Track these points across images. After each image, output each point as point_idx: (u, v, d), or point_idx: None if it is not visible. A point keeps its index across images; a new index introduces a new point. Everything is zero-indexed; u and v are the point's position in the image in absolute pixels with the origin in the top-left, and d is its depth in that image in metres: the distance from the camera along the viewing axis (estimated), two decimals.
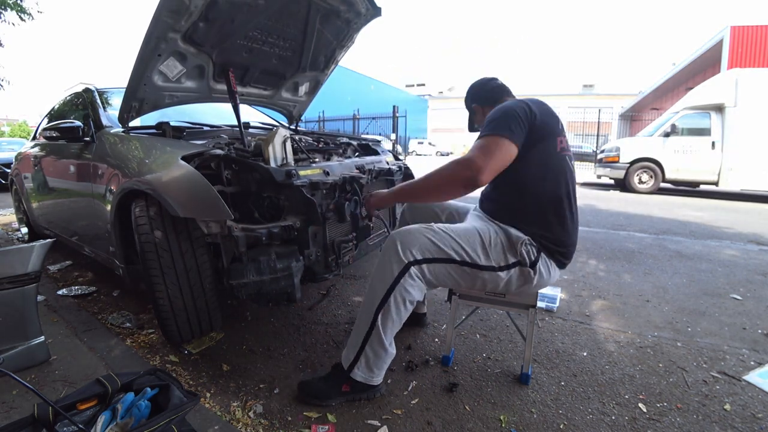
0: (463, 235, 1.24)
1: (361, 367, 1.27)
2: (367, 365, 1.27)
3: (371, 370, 1.27)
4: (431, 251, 1.21)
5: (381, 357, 1.26)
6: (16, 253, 1.38)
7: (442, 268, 1.23)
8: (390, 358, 1.29)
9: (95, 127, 2.08)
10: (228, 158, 1.50)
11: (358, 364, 1.27)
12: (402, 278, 1.20)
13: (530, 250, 1.24)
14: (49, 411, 0.87)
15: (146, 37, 1.56)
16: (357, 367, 1.27)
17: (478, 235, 1.25)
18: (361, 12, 2.07)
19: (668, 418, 1.24)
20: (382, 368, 1.29)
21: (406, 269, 1.20)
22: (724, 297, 2.24)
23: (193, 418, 1.14)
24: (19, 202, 3.53)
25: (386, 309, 1.22)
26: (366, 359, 1.26)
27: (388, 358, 1.28)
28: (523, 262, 1.23)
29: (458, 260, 1.22)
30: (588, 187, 8.84)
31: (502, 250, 1.24)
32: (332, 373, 1.33)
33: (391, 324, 1.23)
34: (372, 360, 1.26)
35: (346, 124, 16.82)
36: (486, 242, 1.24)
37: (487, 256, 1.23)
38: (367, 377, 1.28)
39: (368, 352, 1.26)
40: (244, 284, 1.42)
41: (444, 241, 1.22)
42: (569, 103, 21.07)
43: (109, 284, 2.41)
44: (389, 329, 1.24)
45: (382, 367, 1.29)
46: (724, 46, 11.91)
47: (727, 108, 6.89)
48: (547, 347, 1.67)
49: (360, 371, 1.27)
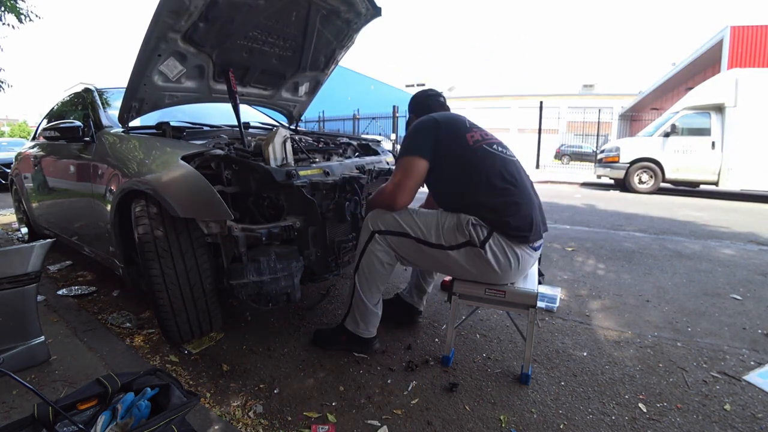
0: (422, 217, 1.45)
1: (350, 320, 1.56)
2: (353, 319, 1.55)
3: (357, 323, 1.54)
4: (392, 225, 1.45)
5: (364, 312, 1.52)
6: (16, 253, 1.38)
7: (399, 241, 1.45)
8: (373, 315, 1.54)
9: (95, 127, 2.07)
10: (228, 158, 1.49)
11: (348, 317, 1.56)
12: (369, 243, 1.47)
13: (478, 231, 1.34)
14: (49, 411, 0.87)
15: (146, 37, 1.56)
16: (348, 319, 1.56)
17: (436, 217, 1.43)
18: (361, 12, 2.07)
19: (668, 418, 1.24)
20: (367, 322, 1.54)
21: (371, 236, 1.47)
22: (724, 297, 2.24)
23: (193, 418, 1.14)
24: (19, 202, 3.53)
25: (360, 270, 1.50)
26: (353, 314, 1.55)
27: (371, 315, 1.53)
28: (472, 241, 1.35)
29: (413, 236, 1.43)
30: (588, 187, 8.84)
31: (453, 231, 1.38)
32: (337, 326, 1.61)
33: (366, 282, 1.49)
34: (358, 314, 1.53)
35: (346, 124, 16.80)
36: (440, 224, 1.41)
37: (439, 235, 1.40)
38: (355, 329, 1.55)
39: (354, 308, 1.54)
40: (244, 284, 1.42)
41: (404, 219, 1.45)
42: (569, 103, 21.05)
43: (109, 284, 2.41)
44: (366, 287, 1.50)
45: (367, 321, 1.54)
46: (724, 46, 11.90)
47: (727, 108, 6.88)
48: (547, 347, 1.67)
49: (350, 322, 1.56)
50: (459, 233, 1.37)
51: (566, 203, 5.99)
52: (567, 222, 4.44)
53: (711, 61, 13.18)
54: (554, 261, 2.90)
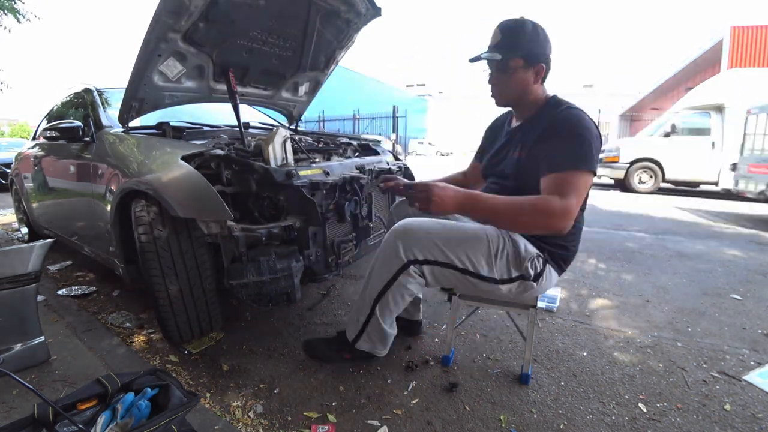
0: (469, 240, 1.19)
1: (364, 341, 1.37)
2: (370, 340, 1.36)
3: (374, 344, 1.37)
4: (434, 254, 1.17)
5: (381, 335, 1.35)
6: (16, 253, 1.38)
7: (443, 272, 1.20)
8: (391, 337, 1.37)
9: (95, 127, 2.08)
10: (228, 158, 1.50)
11: (361, 339, 1.36)
12: (401, 275, 1.20)
13: (536, 265, 1.20)
14: (49, 411, 0.87)
15: (146, 37, 1.56)
16: (361, 341, 1.36)
17: (486, 242, 1.19)
18: (361, 12, 2.07)
19: (668, 418, 1.24)
20: (385, 343, 1.37)
21: (405, 267, 1.19)
22: (724, 297, 2.24)
23: (193, 418, 1.14)
24: (19, 202, 3.53)
25: (384, 301, 1.27)
26: (368, 336, 1.35)
27: (389, 336, 1.36)
28: (527, 277, 1.20)
29: (460, 268, 1.18)
30: None
31: (507, 264, 1.19)
32: (337, 339, 1.43)
33: (389, 313, 1.30)
34: (374, 337, 1.35)
35: (346, 124, 16.80)
36: (492, 252, 1.18)
37: (491, 267, 1.18)
38: (372, 348, 1.38)
39: (369, 331, 1.34)
40: (244, 284, 1.42)
41: (449, 245, 1.17)
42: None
43: (109, 284, 2.41)
44: (387, 317, 1.30)
45: (385, 342, 1.37)
46: (724, 46, 11.91)
47: (727, 108, 6.89)
48: (547, 347, 1.67)
49: (364, 344, 1.37)
50: (514, 267, 1.18)
51: None
52: None
53: (711, 61, 13.18)
54: None
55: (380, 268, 1.24)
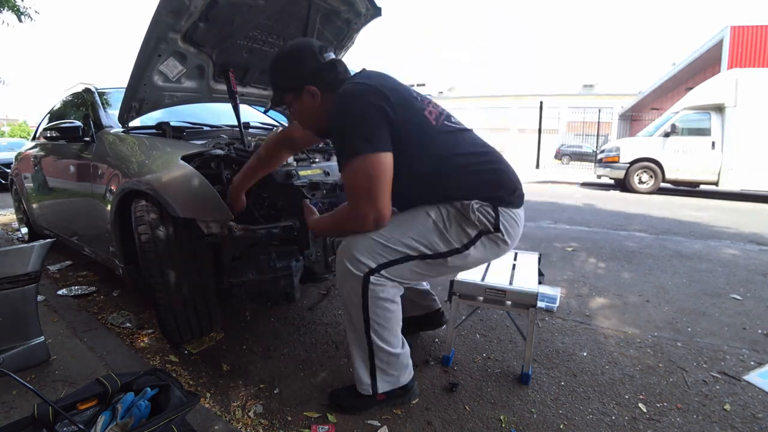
0: (414, 225, 1.13)
1: (381, 381, 1.22)
2: (386, 373, 1.22)
3: (392, 375, 1.22)
4: (384, 254, 1.11)
5: (394, 363, 1.21)
6: (16, 253, 1.38)
7: (402, 269, 1.13)
8: (405, 356, 1.24)
9: (95, 127, 2.08)
10: (228, 158, 1.50)
11: (377, 381, 1.22)
12: (368, 292, 1.12)
13: (486, 212, 1.12)
14: (49, 411, 0.87)
15: (146, 37, 1.56)
16: (378, 383, 1.22)
17: (430, 218, 1.13)
18: (362, 12, 2.07)
19: (668, 418, 1.24)
20: (401, 369, 1.23)
21: (366, 281, 1.11)
22: (724, 297, 2.24)
23: (193, 418, 1.14)
24: (19, 202, 3.53)
25: (373, 325, 1.16)
26: (382, 371, 1.21)
27: (404, 357, 1.23)
28: (486, 229, 1.12)
29: (417, 255, 1.12)
30: (588, 187, 8.84)
31: (460, 226, 1.12)
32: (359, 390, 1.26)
33: (387, 332, 1.18)
34: (388, 368, 1.21)
35: None
36: (441, 225, 1.12)
37: (447, 240, 1.12)
38: (395, 383, 1.24)
39: (379, 365, 1.20)
40: (244, 284, 1.42)
41: (393, 240, 1.11)
42: (569, 103, 21.05)
43: (109, 284, 2.41)
44: (388, 337, 1.18)
45: (401, 368, 1.23)
46: (724, 46, 11.90)
47: (727, 108, 6.89)
48: (547, 347, 1.67)
49: (382, 383, 1.22)
50: (468, 226, 1.12)
51: (566, 203, 5.99)
52: (567, 222, 4.44)
53: (711, 61, 13.17)
54: (554, 261, 2.90)
55: (349, 297, 1.16)
